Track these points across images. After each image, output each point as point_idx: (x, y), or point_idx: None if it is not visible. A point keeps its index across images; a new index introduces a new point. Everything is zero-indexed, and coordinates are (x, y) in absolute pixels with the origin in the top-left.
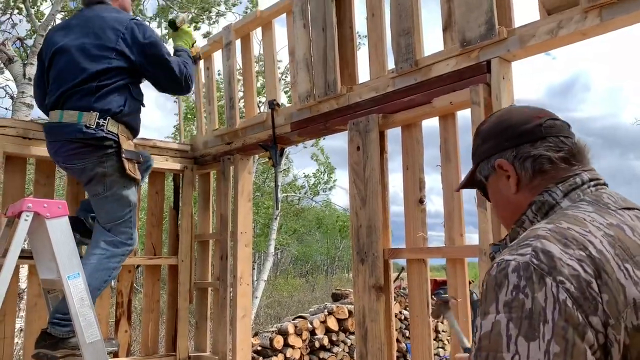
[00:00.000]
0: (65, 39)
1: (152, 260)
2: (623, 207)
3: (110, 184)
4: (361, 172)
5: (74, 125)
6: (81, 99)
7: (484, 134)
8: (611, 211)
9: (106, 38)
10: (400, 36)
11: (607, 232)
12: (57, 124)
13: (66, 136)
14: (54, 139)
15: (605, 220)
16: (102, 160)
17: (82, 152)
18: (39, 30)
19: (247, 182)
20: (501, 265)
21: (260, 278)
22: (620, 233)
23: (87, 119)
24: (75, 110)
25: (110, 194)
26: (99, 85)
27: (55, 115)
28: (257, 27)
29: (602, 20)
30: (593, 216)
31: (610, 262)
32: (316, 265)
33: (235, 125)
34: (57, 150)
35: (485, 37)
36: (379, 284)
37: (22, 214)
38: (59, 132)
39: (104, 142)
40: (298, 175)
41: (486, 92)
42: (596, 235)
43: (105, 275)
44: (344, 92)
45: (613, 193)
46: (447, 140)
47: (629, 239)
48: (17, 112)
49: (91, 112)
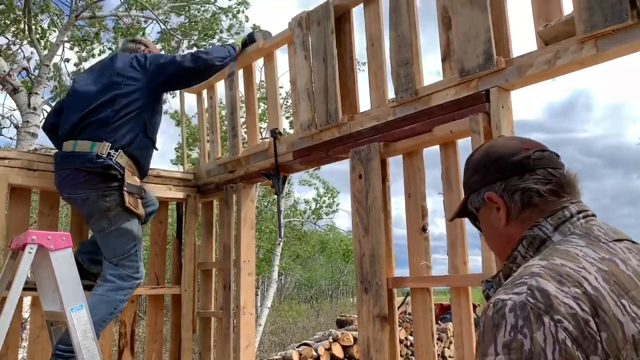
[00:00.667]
0: (84, 79)
1: (155, 290)
2: (614, 239)
3: (114, 219)
4: (363, 200)
5: (85, 155)
6: (95, 130)
7: (474, 165)
8: (602, 244)
9: (116, 72)
10: (400, 66)
11: (601, 267)
12: (70, 153)
13: (77, 165)
14: (63, 167)
15: (598, 254)
16: (105, 194)
17: (88, 181)
18: (44, 60)
19: (249, 210)
20: (497, 305)
21: (264, 305)
22: (613, 267)
23: (98, 149)
24: (88, 141)
25: (114, 229)
26: (112, 116)
27: (69, 145)
28: (259, 57)
29: (598, 51)
30: (585, 251)
31: (606, 299)
32: (321, 290)
33: (238, 154)
34: (64, 178)
35: (484, 67)
36: (383, 313)
37: (26, 246)
38: (70, 161)
39: (110, 171)
40: (299, 199)
41: (486, 121)
42: (590, 271)
43: (111, 307)
44: (345, 120)
45: (603, 225)
46: (448, 169)
47: (623, 273)
48: (22, 142)
49: (103, 143)
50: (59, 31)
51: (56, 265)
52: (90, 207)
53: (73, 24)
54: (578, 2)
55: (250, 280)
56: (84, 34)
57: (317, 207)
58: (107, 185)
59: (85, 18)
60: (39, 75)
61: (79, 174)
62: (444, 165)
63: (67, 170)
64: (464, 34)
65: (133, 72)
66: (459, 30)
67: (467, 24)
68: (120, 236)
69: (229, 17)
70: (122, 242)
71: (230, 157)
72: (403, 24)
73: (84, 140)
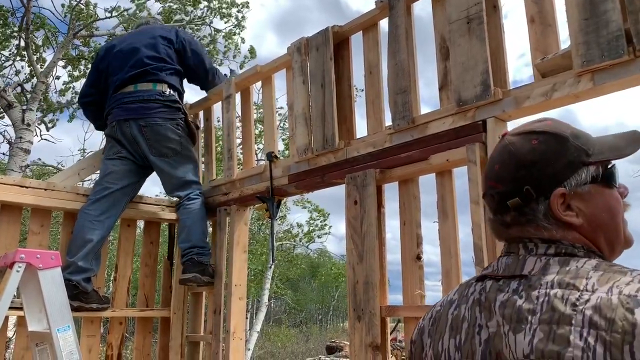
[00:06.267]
0: (123, 43)
1: (144, 312)
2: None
3: (183, 144)
4: (358, 227)
5: (151, 90)
6: (152, 75)
7: (578, 133)
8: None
9: (157, 35)
10: (397, 94)
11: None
12: (134, 91)
13: (147, 96)
14: (131, 100)
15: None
16: (177, 122)
17: (163, 112)
18: (39, 77)
19: (243, 233)
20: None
21: (254, 329)
22: None
23: (160, 87)
24: (149, 83)
25: (185, 152)
26: (162, 66)
27: (130, 88)
28: (257, 81)
29: (594, 85)
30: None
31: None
32: (310, 315)
33: (233, 176)
34: (134, 110)
35: (481, 98)
36: (376, 342)
37: (14, 264)
38: (138, 95)
39: (175, 105)
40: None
41: (482, 150)
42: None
43: (205, 220)
44: (341, 146)
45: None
46: (444, 197)
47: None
48: (15, 158)
49: (162, 83)
50: (55, 49)
51: (44, 285)
52: (163, 134)
53: (71, 41)
54: (575, 37)
55: (242, 304)
56: (78, 53)
57: (309, 230)
58: (177, 116)
59: (83, 37)
60: (34, 92)
61: (153, 104)
62: (440, 193)
63: (137, 102)
64: (461, 64)
65: (170, 37)
66: (457, 61)
67: (465, 54)
68: (188, 158)
69: (224, 39)
70: (190, 163)
71: (225, 179)
72: (401, 52)
73: (143, 83)
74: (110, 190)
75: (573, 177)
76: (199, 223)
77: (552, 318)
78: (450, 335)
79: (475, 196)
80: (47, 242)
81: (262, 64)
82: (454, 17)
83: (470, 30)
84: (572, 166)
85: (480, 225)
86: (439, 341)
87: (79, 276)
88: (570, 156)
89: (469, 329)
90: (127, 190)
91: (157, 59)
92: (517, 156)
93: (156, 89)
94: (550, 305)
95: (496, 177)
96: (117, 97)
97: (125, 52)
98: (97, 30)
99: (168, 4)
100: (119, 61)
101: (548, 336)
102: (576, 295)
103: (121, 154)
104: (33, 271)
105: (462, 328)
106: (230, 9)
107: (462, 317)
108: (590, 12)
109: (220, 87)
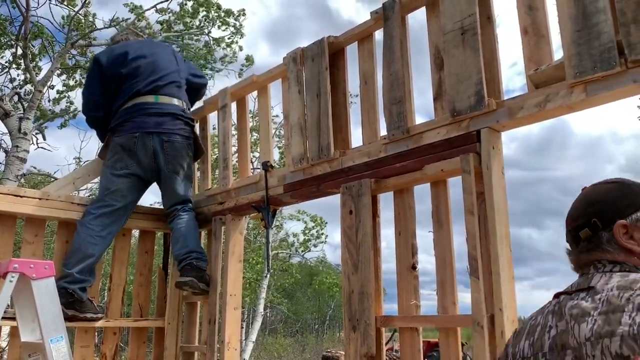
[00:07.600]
0: (138, 51)
1: (138, 322)
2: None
3: (190, 164)
4: (354, 236)
5: (176, 106)
6: (172, 89)
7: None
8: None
9: (171, 51)
10: (392, 104)
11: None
12: (157, 103)
13: (172, 110)
14: (158, 112)
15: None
16: (189, 142)
17: (184, 129)
18: (37, 86)
19: (238, 242)
20: None
21: (249, 339)
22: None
23: (180, 104)
24: (170, 97)
25: (189, 172)
26: (179, 81)
27: (150, 98)
28: (253, 90)
29: (587, 96)
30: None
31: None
32: (306, 324)
33: (228, 185)
34: (163, 123)
35: (475, 108)
36: (371, 353)
37: (7, 274)
38: (163, 108)
39: (192, 123)
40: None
41: (476, 160)
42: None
43: (199, 234)
44: (337, 156)
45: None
46: (438, 207)
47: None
48: (10, 166)
49: (181, 100)
50: (52, 58)
51: (37, 295)
52: (179, 150)
53: (69, 51)
54: (568, 48)
55: (237, 314)
56: (75, 62)
57: (305, 239)
58: (191, 135)
59: (80, 47)
60: (31, 100)
61: (177, 120)
62: (434, 203)
63: (164, 116)
64: (455, 74)
65: (179, 58)
66: (451, 71)
67: (459, 65)
68: (189, 178)
69: (222, 47)
70: (190, 182)
71: (220, 189)
72: (396, 62)
73: (163, 96)
74: (114, 207)
75: (635, 214)
76: (194, 231)
77: (609, 309)
78: (525, 338)
79: (469, 206)
80: (41, 252)
81: (258, 74)
82: (448, 28)
83: (464, 41)
84: (633, 206)
85: (475, 235)
86: (516, 345)
87: (76, 285)
88: (634, 198)
89: (541, 331)
90: (130, 207)
91: (177, 75)
92: (588, 197)
93: (177, 104)
94: (609, 301)
95: (571, 216)
96: (139, 105)
97: (145, 61)
98: (95, 40)
99: (167, 14)
100: (139, 69)
101: (605, 322)
102: (630, 292)
103: (129, 170)
104: (26, 281)
105: (536, 331)
106: (228, 17)
107: (537, 323)
108: (582, 23)
109: (216, 96)
